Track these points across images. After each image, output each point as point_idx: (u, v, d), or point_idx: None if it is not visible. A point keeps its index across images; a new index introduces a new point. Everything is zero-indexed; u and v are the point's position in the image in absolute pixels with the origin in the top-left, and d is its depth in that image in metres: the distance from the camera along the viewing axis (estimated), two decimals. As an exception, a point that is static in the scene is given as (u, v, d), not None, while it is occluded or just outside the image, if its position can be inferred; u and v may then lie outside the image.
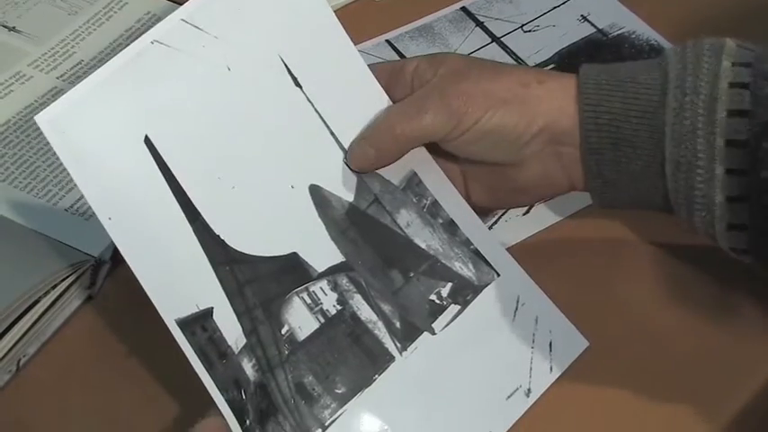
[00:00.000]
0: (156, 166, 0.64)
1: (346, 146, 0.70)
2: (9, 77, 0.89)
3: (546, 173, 0.70)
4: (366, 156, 0.69)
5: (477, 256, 0.71)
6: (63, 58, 0.91)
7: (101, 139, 0.63)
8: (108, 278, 0.76)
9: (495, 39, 0.93)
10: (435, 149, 0.71)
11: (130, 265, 0.62)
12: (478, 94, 0.67)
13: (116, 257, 0.74)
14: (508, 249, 0.73)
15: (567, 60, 0.91)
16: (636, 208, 0.70)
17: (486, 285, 0.70)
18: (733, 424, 0.68)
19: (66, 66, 0.91)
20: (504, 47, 0.92)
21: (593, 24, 0.94)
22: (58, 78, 0.89)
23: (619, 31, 0.93)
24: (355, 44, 0.72)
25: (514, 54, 0.91)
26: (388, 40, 0.92)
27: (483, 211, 0.74)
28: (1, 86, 0.88)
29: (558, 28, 0.94)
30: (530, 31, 0.94)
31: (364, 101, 0.71)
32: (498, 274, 0.71)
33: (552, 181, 0.71)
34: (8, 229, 0.76)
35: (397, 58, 0.91)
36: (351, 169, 0.70)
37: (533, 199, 0.76)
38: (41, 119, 0.61)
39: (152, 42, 0.64)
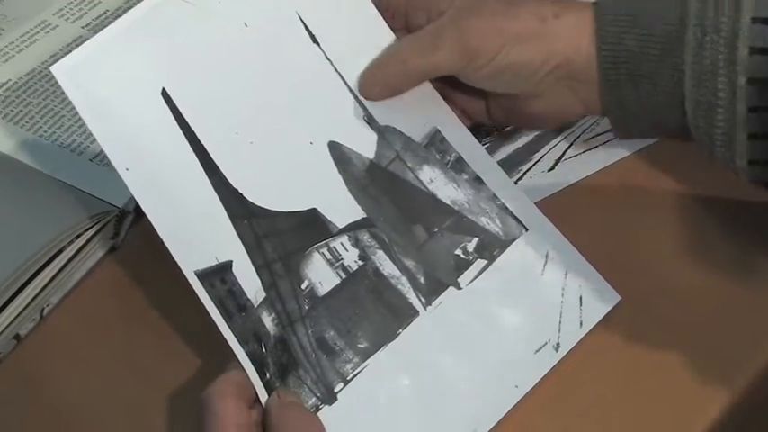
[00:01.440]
0: (174, 119, 0.64)
1: (366, 103, 0.70)
2: (34, 26, 0.89)
3: (562, 103, 0.70)
4: (376, 84, 0.69)
5: (505, 212, 0.70)
6: (88, 7, 0.91)
7: (118, 90, 0.63)
8: (131, 229, 0.76)
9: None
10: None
11: (148, 216, 0.63)
12: (493, 32, 0.66)
13: (140, 208, 0.74)
14: (532, 206, 0.73)
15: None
16: (654, 136, 0.70)
17: (514, 240, 0.70)
18: (753, 382, 0.67)
19: (91, 15, 0.90)
20: None
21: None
22: (83, 28, 0.89)
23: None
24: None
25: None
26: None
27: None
28: (26, 35, 0.88)
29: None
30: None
31: None
32: (527, 229, 0.70)
33: (568, 110, 0.70)
34: (32, 178, 0.77)
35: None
36: (368, 123, 0.69)
37: (551, 125, 0.76)
38: (57, 69, 0.62)
39: None
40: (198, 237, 0.64)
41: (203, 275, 0.63)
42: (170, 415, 0.67)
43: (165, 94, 0.64)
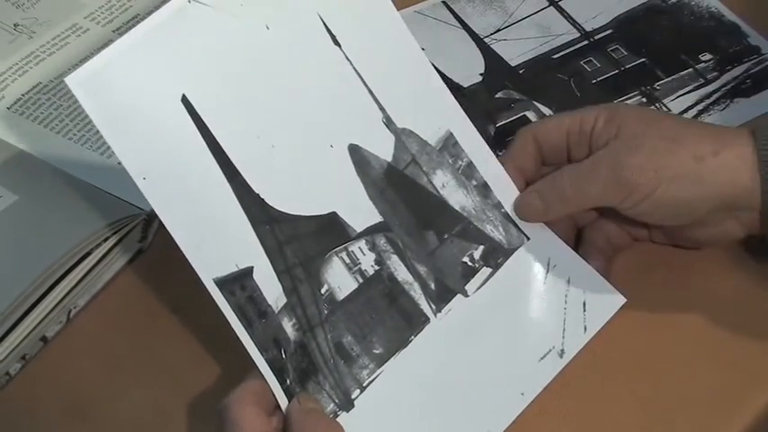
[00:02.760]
0: (194, 125, 0.63)
1: (384, 105, 0.70)
2: (65, 29, 0.90)
3: (723, 229, 0.69)
4: (533, 207, 0.70)
5: (508, 220, 0.71)
6: (119, 11, 0.92)
7: (135, 99, 0.62)
8: (159, 232, 0.77)
9: (552, 2, 0.91)
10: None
11: (165, 224, 0.62)
12: (650, 169, 0.66)
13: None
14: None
15: (625, 27, 0.89)
16: None
17: (516, 249, 0.71)
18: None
19: (122, 19, 0.91)
20: (561, 10, 0.91)
21: (652, -10, 0.91)
22: (114, 32, 0.90)
23: (679, -3, 0.91)
24: (412, 5, 0.71)
25: (571, 18, 0.90)
26: (444, 1, 0.90)
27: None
28: (57, 38, 0.89)
29: (616, -7, 0.92)
30: (588, -6, 0.92)
31: (403, 60, 0.71)
32: (528, 238, 0.71)
33: (730, 234, 0.70)
34: (61, 181, 0.77)
35: (454, 19, 0.89)
36: (386, 125, 0.69)
37: (714, 245, 0.73)
38: (72, 80, 0.60)
39: (189, 1, 0.64)
40: (218, 244, 0.63)
41: (223, 283, 0.62)
42: (196, 418, 0.68)
43: (185, 100, 0.63)
